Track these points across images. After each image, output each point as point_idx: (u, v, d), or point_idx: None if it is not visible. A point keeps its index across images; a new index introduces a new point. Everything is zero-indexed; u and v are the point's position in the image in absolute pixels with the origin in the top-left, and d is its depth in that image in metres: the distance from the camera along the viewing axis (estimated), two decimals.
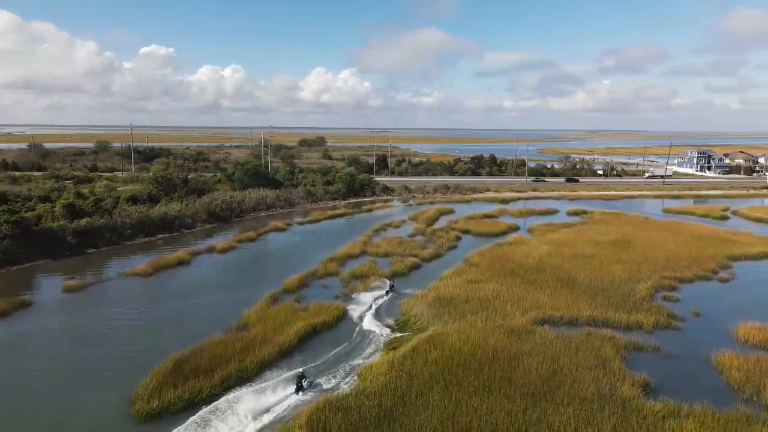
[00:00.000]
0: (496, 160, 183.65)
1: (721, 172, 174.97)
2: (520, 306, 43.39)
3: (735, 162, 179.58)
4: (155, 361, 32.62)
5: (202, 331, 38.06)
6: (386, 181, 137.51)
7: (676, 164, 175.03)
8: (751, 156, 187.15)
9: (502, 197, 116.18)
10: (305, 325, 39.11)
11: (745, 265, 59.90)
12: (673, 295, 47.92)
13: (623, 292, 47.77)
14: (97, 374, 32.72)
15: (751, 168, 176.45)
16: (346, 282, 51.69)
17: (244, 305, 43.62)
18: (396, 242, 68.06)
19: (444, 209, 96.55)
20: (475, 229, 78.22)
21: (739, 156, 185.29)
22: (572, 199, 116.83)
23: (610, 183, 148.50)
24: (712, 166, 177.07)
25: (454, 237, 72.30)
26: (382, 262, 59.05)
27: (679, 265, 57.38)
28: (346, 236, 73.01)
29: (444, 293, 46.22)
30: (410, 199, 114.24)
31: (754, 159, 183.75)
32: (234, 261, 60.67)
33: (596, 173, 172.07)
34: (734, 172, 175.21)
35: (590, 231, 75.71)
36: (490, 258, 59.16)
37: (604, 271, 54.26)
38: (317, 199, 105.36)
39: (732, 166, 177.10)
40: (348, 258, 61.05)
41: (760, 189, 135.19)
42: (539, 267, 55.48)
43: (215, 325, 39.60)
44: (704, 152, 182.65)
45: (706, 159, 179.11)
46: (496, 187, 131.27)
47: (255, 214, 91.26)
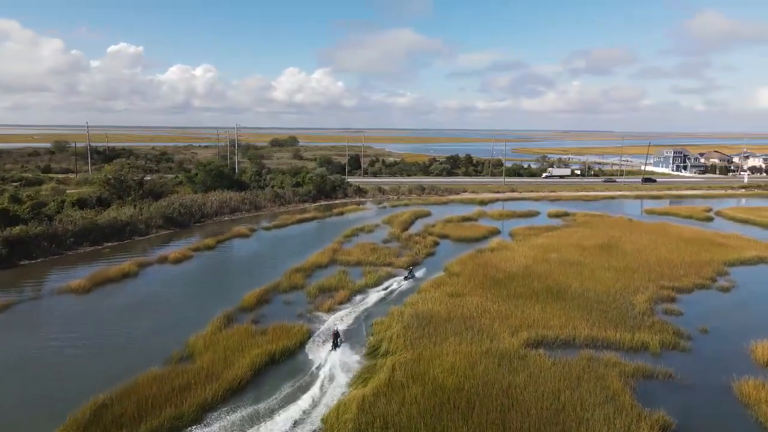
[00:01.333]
0: (473, 160, 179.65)
1: (697, 172, 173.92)
2: (509, 324, 38.26)
3: (710, 161, 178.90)
4: (71, 406, 26.44)
5: (137, 362, 31.89)
6: (359, 182, 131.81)
7: (651, 163, 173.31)
8: (725, 155, 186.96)
9: (480, 198, 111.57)
10: (261, 353, 33.22)
11: (741, 271, 56.02)
12: (674, 308, 43.39)
13: (620, 305, 43.11)
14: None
15: (727, 167, 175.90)
16: (313, 297, 45.89)
17: (192, 328, 37.51)
18: (369, 249, 62.47)
19: (420, 212, 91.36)
20: (453, 233, 73.15)
21: (714, 155, 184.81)
22: (552, 200, 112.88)
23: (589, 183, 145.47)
24: (688, 166, 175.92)
25: (431, 242, 67.05)
26: (353, 272, 53.43)
27: (674, 273, 53.19)
28: (315, 243, 67.18)
29: (423, 310, 40.81)
30: (384, 201, 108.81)
31: (729, 158, 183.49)
32: (188, 273, 54.24)
33: (573, 173, 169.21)
34: (710, 171, 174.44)
35: (575, 234, 71.31)
36: (471, 266, 54.03)
37: (596, 281, 49.62)
38: (285, 201, 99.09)
39: (707, 166, 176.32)
40: (316, 268, 55.23)
41: (738, 189, 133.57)
42: (526, 276, 50.57)
43: (154, 355, 33.46)
44: (680, 152, 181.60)
45: (681, 159, 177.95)
46: (474, 188, 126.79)
47: (217, 219, 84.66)
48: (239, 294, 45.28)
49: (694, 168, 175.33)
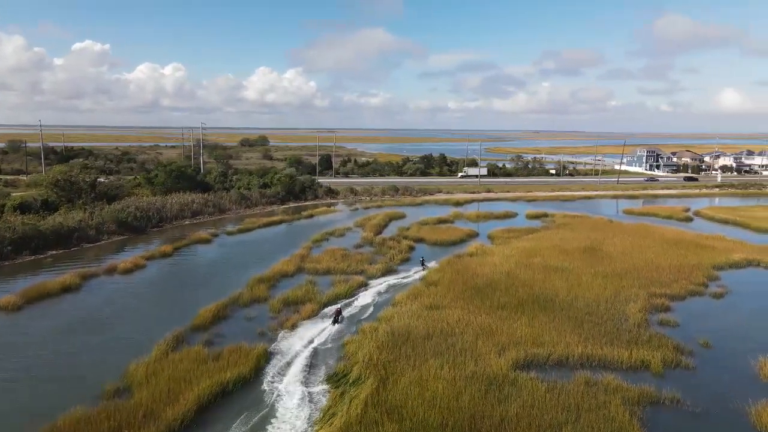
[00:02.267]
0: (447, 160, 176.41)
1: (670, 171, 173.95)
2: (495, 341, 34.30)
3: (682, 161, 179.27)
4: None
5: (61, 399, 26.89)
6: (330, 182, 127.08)
7: (625, 163, 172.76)
8: (697, 155, 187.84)
9: (456, 199, 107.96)
10: (212, 384, 28.51)
11: (731, 275, 53.32)
12: (670, 319, 40.05)
13: (613, 316, 39.62)
14: None
15: (698, 167, 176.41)
16: (276, 311, 41.22)
17: (134, 353, 32.53)
18: (339, 255, 58.00)
19: (394, 214, 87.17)
20: (429, 237, 69.15)
21: (686, 155, 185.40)
22: (529, 201, 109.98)
23: (565, 183, 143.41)
24: (661, 165, 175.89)
25: (406, 247, 62.87)
26: (322, 282, 48.94)
27: (664, 278, 50.13)
28: (282, 248, 62.39)
29: (398, 326, 36.56)
30: (356, 203, 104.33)
31: (700, 158, 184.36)
32: (138, 285, 48.90)
33: (549, 173, 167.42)
34: (682, 170, 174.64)
35: (556, 237, 68.02)
36: (450, 274, 50.03)
37: (584, 288, 46.13)
38: (252, 203, 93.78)
39: (680, 165, 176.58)
40: (281, 277, 50.53)
41: (712, 188, 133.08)
42: (509, 284, 46.79)
43: (84, 389, 28.49)
44: (653, 151, 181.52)
45: (654, 158, 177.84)
46: (448, 189, 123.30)
47: (178, 223, 79.01)
48: (194, 309, 40.37)
49: (667, 167, 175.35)
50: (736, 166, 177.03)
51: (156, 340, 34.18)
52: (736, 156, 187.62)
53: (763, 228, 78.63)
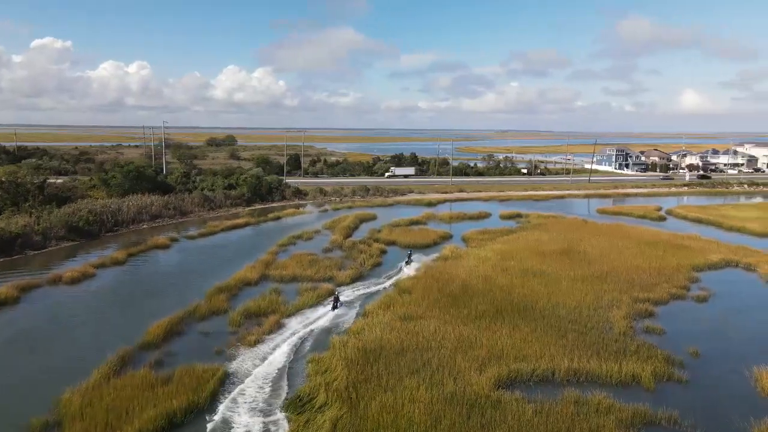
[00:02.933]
0: (418, 160, 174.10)
1: (638, 170, 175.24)
2: (475, 356, 31.61)
3: (650, 160, 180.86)
4: None
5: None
6: (299, 183, 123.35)
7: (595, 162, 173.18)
8: (665, 154, 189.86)
9: (428, 200, 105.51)
10: (158, 414, 25.02)
11: (711, 276, 51.96)
12: (655, 326, 37.99)
13: (597, 324, 37.41)
14: None
15: (666, 165, 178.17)
16: (236, 325, 37.75)
17: (71, 377, 28.70)
18: (307, 260, 54.70)
19: (364, 215, 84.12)
20: (402, 239, 66.30)
21: (653, 154, 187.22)
22: (502, 201, 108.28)
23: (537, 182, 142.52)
24: (630, 164, 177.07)
25: (377, 251, 59.89)
26: (287, 290, 45.65)
27: (645, 281, 48.37)
28: (246, 253, 58.76)
29: (370, 340, 33.57)
30: (326, 204, 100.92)
31: (668, 156, 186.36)
32: (84, 297, 44.71)
33: (521, 172, 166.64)
34: (651, 169, 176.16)
35: (532, 238, 65.98)
36: (424, 280, 47.27)
37: (565, 293, 43.91)
38: (216, 205, 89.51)
39: (648, 164, 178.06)
40: (243, 286, 47.00)
41: (681, 187, 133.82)
42: (486, 290, 44.26)
43: (5, 425, 24.65)
44: (622, 150, 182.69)
45: (623, 157, 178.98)
46: (420, 189, 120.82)
47: (135, 227, 74.40)
48: (145, 324, 36.59)
49: (636, 166, 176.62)
50: (702, 165, 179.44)
51: (97, 363, 30.42)
52: (702, 155, 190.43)
53: (735, 227, 78.27)
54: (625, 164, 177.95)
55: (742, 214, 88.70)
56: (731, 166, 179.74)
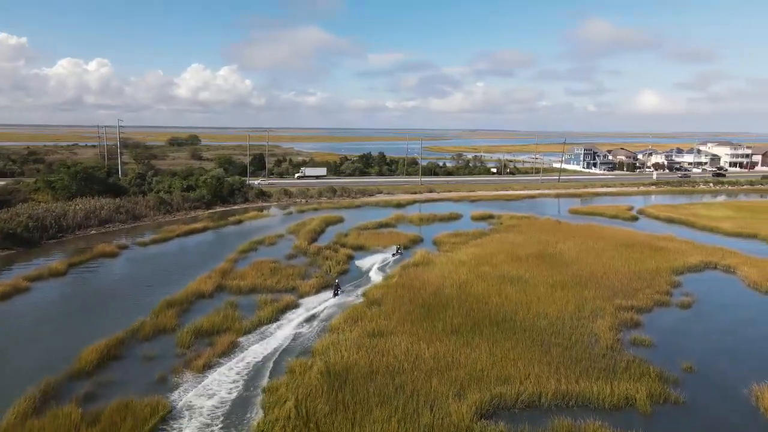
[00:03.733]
0: (386, 159, 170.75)
1: (606, 169, 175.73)
2: (452, 378, 28.32)
3: (618, 159, 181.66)
4: None
5: None
6: (263, 184, 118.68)
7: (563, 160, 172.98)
8: (631, 153, 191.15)
9: (397, 200, 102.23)
10: None
11: (692, 280, 49.98)
12: (643, 338, 35.38)
13: (582, 337, 34.59)
14: None
15: (633, 164, 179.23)
16: (185, 346, 33.58)
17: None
18: (268, 269, 50.63)
19: (331, 218, 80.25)
20: (370, 243, 62.78)
21: (620, 153, 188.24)
22: (473, 201, 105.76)
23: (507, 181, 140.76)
24: (598, 163, 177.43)
25: (344, 257, 56.22)
26: (245, 304, 41.59)
27: (626, 286, 45.98)
28: (202, 261, 54.41)
29: (335, 362, 29.92)
30: (291, 206, 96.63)
31: (634, 156, 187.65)
32: (12, 316, 39.67)
33: (490, 171, 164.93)
34: (618, 168, 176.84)
35: (506, 241, 63.25)
36: (395, 289, 43.82)
37: (545, 302, 41.07)
38: (173, 208, 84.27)
39: (615, 163, 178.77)
40: (196, 299, 42.74)
41: (649, 186, 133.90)
42: (461, 300, 41.10)
43: None
44: (590, 149, 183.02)
45: (591, 156, 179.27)
46: (389, 189, 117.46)
47: (82, 233, 68.85)
48: (78, 348, 32.09)
49: (603, 165, 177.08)
50: (667, 164, 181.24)
51: (14, 398, 25.96)
52: (667, 154, 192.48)
53: (708, 227, 77.25)
54: (593, 163, 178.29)
55: (713, 214, 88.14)
56: (695, 165, 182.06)
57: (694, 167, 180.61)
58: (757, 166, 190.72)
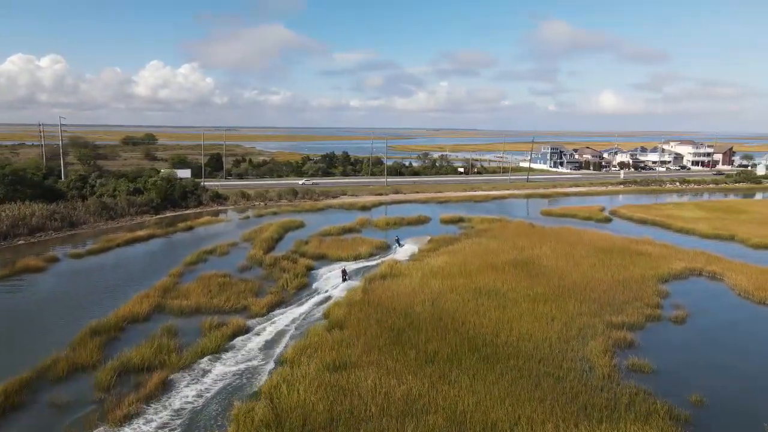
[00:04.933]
0: (350, 159, 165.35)
1: (573, 168, 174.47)
2: (429, 427, 23.41)
3: (584, 158, 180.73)
4: None
5: None
6: (220, 186, 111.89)
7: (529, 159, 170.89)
8: (597, 152, 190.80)
9: (362, 203, 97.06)
10: None
11: (679, 288, 46.51)
12: (642, 363, 31.17)
13: (573, 364, 30.25)
14: None
15: (599, 163, 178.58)
16: (104, 388, 27.71)
17: None
18: (216, 284, 44.84)
19: (290, 223, 74.57)
20: (333, 252, 57.51)
21: (586, 152, 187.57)
22: (441, 202, 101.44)
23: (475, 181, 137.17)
24: (564, 162, 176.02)
25: (304, 268, 50.81)
26: (186, 328, 35.89)
27: (612, 298, 42.09)
28: (142, 276, 48.26)
29: (287, 407, 24.68)
30: (249, 209, 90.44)
31: (600, 155, 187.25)
32: None
33: (457, 171, 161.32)
34: (584, 167, 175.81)
35: (479, 248, 58.87)
36: (359, 308, 38.72)
37: (527, 320, 36.66)
38: (117, 214, 77.07)
39: (582, 162, 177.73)
40: (129, 324, 36.77)
41: (617, 185, 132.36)
42: (435, 320, 36.32)
43: None
44: (556, 148, 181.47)
45: (558, 155, 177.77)
46: (353, 190, 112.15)
47: (8, 243, 61.35)
48: None
49: (570, 164, 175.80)
50: (632, 163, 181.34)
51: None
52: (632, 152, 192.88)
53: (684, 228, 74.80)
54: (560, 162, 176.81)
55: (686, 214, 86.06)
56: (660, 164, 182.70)
57: (659, 166, 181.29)
58: (719, 164, 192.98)
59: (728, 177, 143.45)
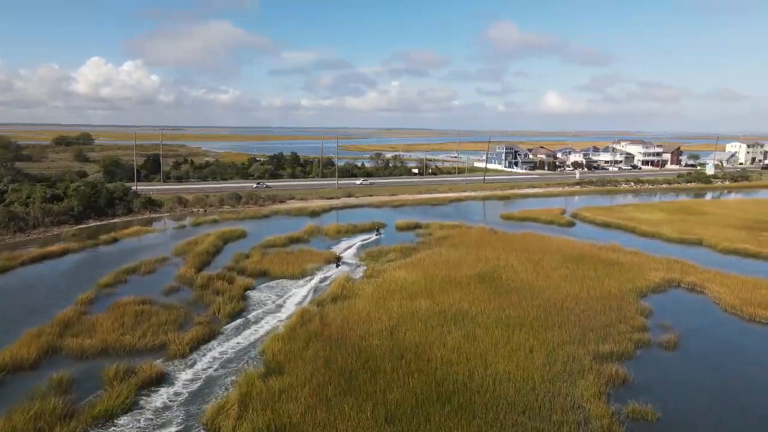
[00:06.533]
0: (299, 160, 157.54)
1: (528, 168, 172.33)
2: None
3: (538, 158, 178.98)
4: None
5: None
6: (156, 190, 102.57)
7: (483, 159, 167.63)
8: (550, 151, 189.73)
9: (312, 208, 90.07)
10: None
11: (661, 305, 42.20)
12: (645, 410, 26.01)
13: (566, 416, 25.05)
14: None
15: (554, 163, 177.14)
16: None
17: None
18: (133, 314, 37.38)
19: (230, 232, 67.03)
20: (276, 267, 50.61)
21: (540, 152, 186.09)
22: (396, 206, 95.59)
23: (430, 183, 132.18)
24: (519, 162, 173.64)
25: (240, 290, 43.74)
26: (83, 380, 28.53)
27: (593, 320, 37.30)
28: (44, 304, 40.21)
29: None
30: (186, 216, 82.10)
31: (554, 154, 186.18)
32: None
33: (411, 172, 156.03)
34: (539, 167, 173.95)
35: (440, 260, 53.26)
36: (304, 341, 32.35)
37: (503, 353, 31.20)
38: (29, 225, 67.55)
39: (536, 162, 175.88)
40: (8, 375, 29.05)
41: (573, 185, 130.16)
42: (396, 358, 30.37)
43: None
44: (511, 148, 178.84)
45: (513, 155, 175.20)
46: (303, 194, 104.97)
47: None
48: None
49: (525, 164, 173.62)
50: (585, 162, 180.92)
51: None
52: (585, 152, 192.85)
53: (649, 232, 71.73)
54: (515, 162, 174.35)
55: (648, 217, 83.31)
56: (612, 164, 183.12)
57: (611, 165, 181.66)
58: (668, 164, 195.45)
59: (680, 177, 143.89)
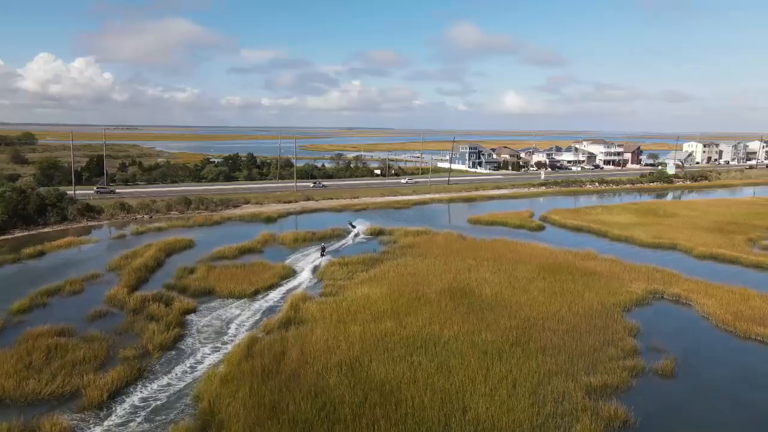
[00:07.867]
0: (256, 161, 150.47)
1: (492, 168, 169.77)
2: None
3: (502, 157, 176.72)
4: None
5: None
6: (96, 196, 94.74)
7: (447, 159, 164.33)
8: (514, 151, 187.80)
9: (267, 213, 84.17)
10: None
11: (648, 320, 38.71)
12: None
13: None
14: None
15: (518, 163, 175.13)
16: None
17: None
18: (45, 349, 31.34)
19: (175, 242, 60.68)
20: (223, 286, 44.86)
21: (504, 151, 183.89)
22: (357, 210, 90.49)
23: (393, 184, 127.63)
24: (483, 162, 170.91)
25: (178, 315, 37.96)
26: None
27: (579, 344, 33.35)
28: None
29: None
30: (129, 224, 75.10)
31: (517, 154, 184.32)
32: None
33: (374, 173, 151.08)
34: (503, 167, 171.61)
35: (406, 271, 48.66)
36: (249, 382, 27.09)
37: (483, 391, 26.78)
38: None
39: (500, 162, 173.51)
40: None
41: (538, 186, 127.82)
42: (358, 402, 25.62)
43: None
44: (475, 148, 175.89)
45: (477, 155, 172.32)
46: (258, 198, 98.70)
47: None
48: None
49: (489, 164, 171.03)
50: (549, 162, 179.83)
51: None
52: (548, 152, 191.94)
53: (623, 237, 68.96)
54: (479, 162, 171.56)
55: (618, 219, 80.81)
56: (575, 163, 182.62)
57: (574, 165, 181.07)
58: (628, 163, 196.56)
59: (643, 177, 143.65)
